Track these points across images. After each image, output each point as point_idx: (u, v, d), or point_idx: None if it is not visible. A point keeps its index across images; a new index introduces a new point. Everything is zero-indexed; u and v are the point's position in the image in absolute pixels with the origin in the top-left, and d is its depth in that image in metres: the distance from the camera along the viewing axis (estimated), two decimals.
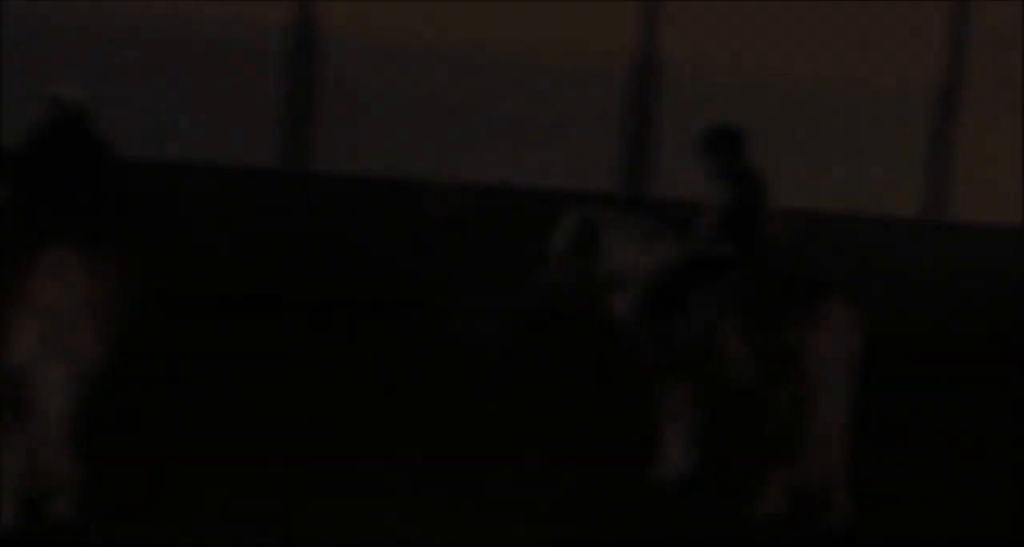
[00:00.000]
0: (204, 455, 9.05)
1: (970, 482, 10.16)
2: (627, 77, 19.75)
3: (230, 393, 11.45)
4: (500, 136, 19.38)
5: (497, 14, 19.18)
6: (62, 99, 7.96)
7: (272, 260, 17.46)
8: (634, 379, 9.88)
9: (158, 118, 17.49)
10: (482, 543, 7.64)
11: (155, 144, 17.16)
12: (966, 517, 9.09)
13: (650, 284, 9.24)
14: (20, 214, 7.73)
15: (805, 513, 8.50)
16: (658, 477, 9.24)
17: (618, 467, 9.63)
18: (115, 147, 7.92)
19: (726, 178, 9.21)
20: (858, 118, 20.84)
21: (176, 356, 12.74)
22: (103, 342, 7.41)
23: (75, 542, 7.02)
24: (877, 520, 8.60)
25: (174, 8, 17.77)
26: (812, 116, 20.67)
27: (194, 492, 8.17)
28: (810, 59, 20.66)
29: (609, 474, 9.48)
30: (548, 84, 19.59)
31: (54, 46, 16.37)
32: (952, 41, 21.16)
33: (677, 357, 9.01)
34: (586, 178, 19.24)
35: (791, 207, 19.66)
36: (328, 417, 10.75)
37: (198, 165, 17.46)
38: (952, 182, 21.25)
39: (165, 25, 17.63)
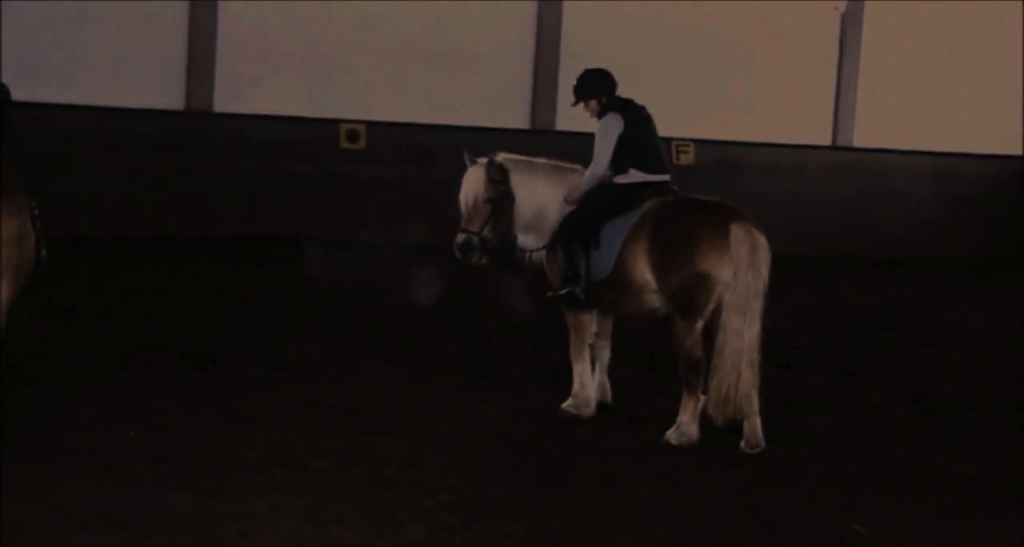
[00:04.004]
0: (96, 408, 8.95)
1: (877, 403, 10.32)
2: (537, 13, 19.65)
3: (130, 332, 11.27)
4: (409, 74, 19.15)
5: None
6: None
7: (177, 199, 17.24)
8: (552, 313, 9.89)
9: (59, 62, 17.15)
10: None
11: (55, 87, 16.86)
12: (873, 433, 9.26)
13: (563, 219, 9.23)
14: None
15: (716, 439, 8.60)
16: (572, 410, 9.27)
17: (534, 401, 9.67)
18: (9, 90, 7.77)
19: (613, 111, 9.20)
20: (766, 51, 20.87)
21: (79, 298, 12.56)
22: (9, 287, 7.29)
23: None
24: (787, 444, 8.72)
25: None
26: (722, 50, 20.63)
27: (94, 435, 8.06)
28: None
29: (525, 408, 9.53)
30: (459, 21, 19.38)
31: None
32: None
33: (590, 290, 9.01)
34: (496, 114, 19.18)
35: (704, 139, 19.79)
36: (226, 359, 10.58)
37: (101, 107, 17.16)
38: (860, 110, 21.41)
39: None
